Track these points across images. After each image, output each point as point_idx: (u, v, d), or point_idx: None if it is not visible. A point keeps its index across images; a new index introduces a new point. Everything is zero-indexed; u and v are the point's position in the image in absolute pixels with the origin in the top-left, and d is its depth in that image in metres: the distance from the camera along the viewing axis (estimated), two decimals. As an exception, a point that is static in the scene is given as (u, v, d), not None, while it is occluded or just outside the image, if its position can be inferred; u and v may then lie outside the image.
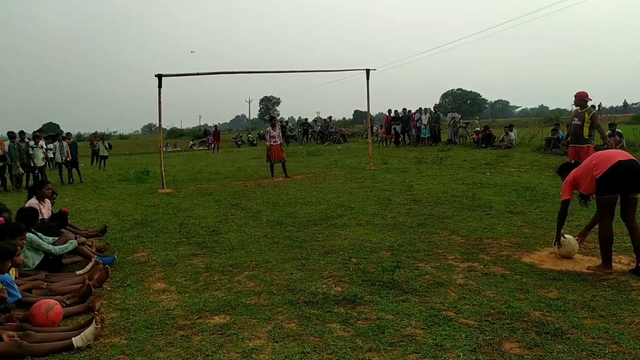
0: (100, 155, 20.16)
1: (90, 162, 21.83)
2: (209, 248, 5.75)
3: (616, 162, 4.13)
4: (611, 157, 4.20)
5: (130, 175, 14.78)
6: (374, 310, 3.65)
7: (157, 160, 14.32)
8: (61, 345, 3.24)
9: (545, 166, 12.72)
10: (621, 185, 4.15)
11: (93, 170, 18.77)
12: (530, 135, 20.90)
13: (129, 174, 15.11)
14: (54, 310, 3.64)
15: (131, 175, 14.88)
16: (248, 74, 14.42)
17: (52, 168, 16.72)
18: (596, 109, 8.76)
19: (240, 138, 38.90)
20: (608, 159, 4.19)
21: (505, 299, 3.73)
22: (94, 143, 21.66)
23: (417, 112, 23.20)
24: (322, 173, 13.52)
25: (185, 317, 3.69)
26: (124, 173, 15.79)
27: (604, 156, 4.28)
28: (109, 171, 18.28)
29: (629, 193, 4.20)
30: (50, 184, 6.75)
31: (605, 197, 4.22)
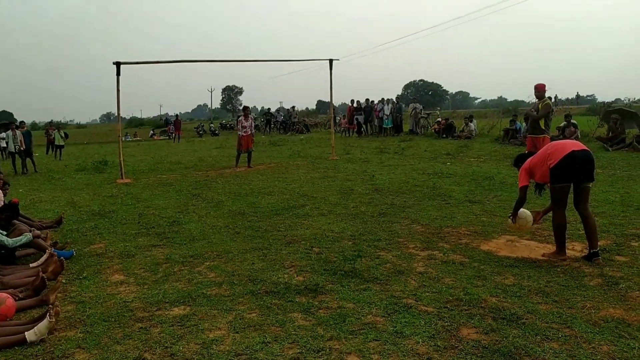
0: (55, 145, 19.35)
1: (45, 152, 20.93)
2: (169, 239, 5.62)
3: (569, 152, 4.27)
4: (565, 148, 4.33)
5: (88, 165, 14.24)
6: (335, 299, 3.66)
7: (115, 150, 13.89)
8: (13, 339, 3.11)
9: (504, 156, 13.10)
10: (574, 174, 4.29)
11: (48, 160, 18.00)
12: (489, 126, 21.50)
13: (87, 164, 14.56)
14: (6, 304, 3.50)
15: (88, 165, 14.34)
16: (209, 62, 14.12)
17: (5, 158, 15.95)
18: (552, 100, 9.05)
19: (202, 128, 38.20)
20: (562, 149, 4.32)
21: (463, 286, 3.82)
22: (50, 132, 20.76)
23: (380, 102, 23.40)
24: (285, 163, 13.46)
25: (144, 309, 3.60)
26: (81, 163, 15.20)
27: (558, 146, 4.41)
28: (65, 161, 17.58)
29: (581, 182, 4.35)
30: (1, 174, 6.44)
31: (558, 186, 4.36)
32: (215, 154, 17.90)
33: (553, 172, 4.32)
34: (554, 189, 4.41)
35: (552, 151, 4.40)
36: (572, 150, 4.27)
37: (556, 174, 4.31)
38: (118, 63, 11.00)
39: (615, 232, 5.22)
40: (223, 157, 15.87)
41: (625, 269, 4.09)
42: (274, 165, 13.11)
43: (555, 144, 4.53)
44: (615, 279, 3.87)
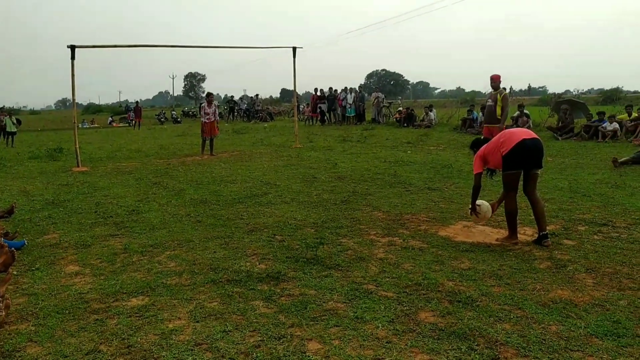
0: (7, 132, 18.46)
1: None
2: (127, 228, 5.49)
3: (520, 140, 4.43)
4: (516, 136, 4.49)
5: (42, 153, 13.65)
6: (297, 286, 3.68)
7: (71, 138, 13.35)
8: (-42, 335, 2.97)
9: (461, 145, 13.43)
10: (524, 161, 4.46)
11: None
12: (448, 116, 21.99)
13: (40, 152, 13.96)
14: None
15: (42, 152, 13.75)
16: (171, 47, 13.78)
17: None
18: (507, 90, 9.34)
19: (163, 115, 37.30)
20: (514, 138, 4.48)
21: (422, 271, 3.92)
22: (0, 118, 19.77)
23: (343, 91, 23.49)
24: (248, 151, 13.35)
25: (100, 301, 3.51)
26: (35, 150, 14.56)
27: (510, 135, 4.57)
28: (17, 148, 16.79)
29: (531, 169, 4.53)
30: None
31: (510, 173, 4.52)
32: (177, 141, 17.53)
33: (505, 159, 4.48)
34: (506, 175, 4.57)
35: (504, 139, 4.55)
36: (522, 139, 4.43)
37: (508, 161, 4.47)
38: (73, 46, 10.58)
39: (563, 217, 5.46)
40: (185, 145, 15.57)
41: (572, 253, 4.29)
42: (237, 153, 12.98)
43: (507, 132, 4.69)
44: (564, 262, 4.05)
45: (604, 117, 13.94)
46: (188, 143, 15.96)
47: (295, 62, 14.33)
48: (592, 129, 13.80)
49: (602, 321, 2.99)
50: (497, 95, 8.64)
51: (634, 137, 12.70)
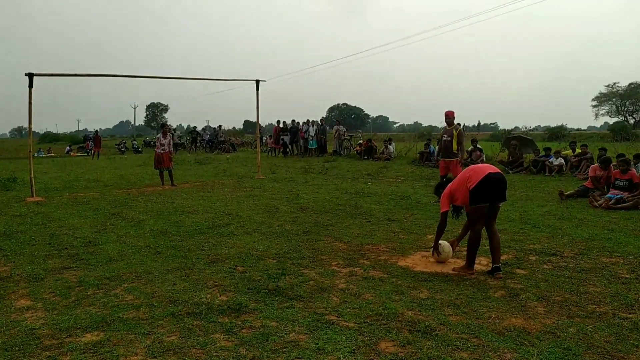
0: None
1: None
2: (83, 260, 5.32)
3: (486, 174, 4.63)
4: (482, 170, 4.70)
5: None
6: (258, 318, 3.66)
7: (26, 167, 12.88)
8: None
9: (419, 177, 13.83)
10: (490, 195, 4.65)
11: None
12: (407, 149, 22.57)
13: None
14: None
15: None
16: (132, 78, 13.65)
17: None
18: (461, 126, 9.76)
19: (124, 144, 36.54)
20: (480, 172, 4.68)
21: (382, 301, 3.98)
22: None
23: (305, 124, 23.82)
24: (211, 182, 13.25)
25: (53, 337, 3.38)
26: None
27: (476, 169, 4.77)
28: (-36, 177, 16.02)
29: (495, 202, 4.73)
30: None
31: (477, 207, 4.69)
32: (138, 171, 17.18)
33: (472, 193, 4.64)
34: (473, 209, 4.72)
35: (470, 174, 4.75)
36: (488, 173, 4.64)
37: (475, 195, 4.63)
38: (31, 74, 10.32)
39: (515, 247, 5.69)
40: (146, 175, 15.28)
41: (525, 282, 4.48)
42: (199, 183, 12.85)
43: (473, 167, 4.88)
44: (517, 291, 4.22)
45: (550, 152, 14.72)
46: (149, 173, 15.66)
47: (258, 95, 14.50)
48: (540, 163, 14.50)
49: (553, 348, 3.13)
50: (453, 131, 9.01)
51: (578, 172, 13.41)
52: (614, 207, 8.28)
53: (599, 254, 5.39)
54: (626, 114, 64.29)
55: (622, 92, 62.98)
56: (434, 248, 5.14)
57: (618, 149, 15.06)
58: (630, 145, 18.01)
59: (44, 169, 19.11)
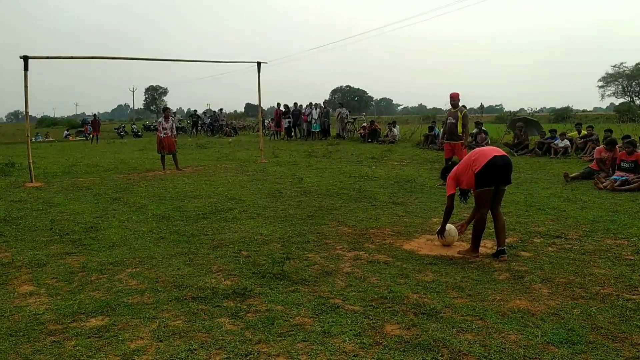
0: (-48, 145, 17.58)
1: (-61, 153, 18.94)
2: (85, 246, 5.31)
3: (492, 157, 4.57)
4: (487, 154, 4.63)
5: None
6: (263, 302, 3.65)
7: (24, 152, 12.86)
8: None
9: (424, 160, 13.75)
10: (495, 178, 4.59)
11: (-57, 162, 16.30)
12: (411, 132, 22.46)
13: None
14: None
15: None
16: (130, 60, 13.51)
17: None
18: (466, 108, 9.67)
19: (123, 129, 36.43)
20: (485, 155, 4.62)
21: (387, 284, 3.96)
22: (-55, 131, 18.84)
23: (308, 107, 23.64)
24: (213, 166, 13.20)
25: (57, 322, 3.38)
26: (-17, 165, 13.92)
27: (482, 153, 4.70)
28: (-37, 163, 16.01)
29: (501, 185, 4.68)
30: None
31: (482, 190, 4.63)
32: (138, 156, 17.13)
33: (477, 176, 4.58)
34: (478, 193, 4.67)
35: (475, 157, 4.68)
36: (494, 156, 4.57)
37: (480, 178, 4.58)
38: (26, 57, 10.20)
39: (520, 230, 5.66)
40: (146, 160, 15.24)
41: (529, 264, 4.45)
42: (201, 168, 12.81)
43: (478, 150, 4.82)
44: (521, 273, 4.20)
45: (555, 134, 14.61)
46: (149, 158, 15.62)
47: (260, 77, 14.37)
48: (545, 145, 14.41)
49: (557, 330, 3.12)
50: (458, 113, 8.93)
51: (583, 154, 13.34)
52: (619, 189, 8.22)
53: (603, 236, 5.36)
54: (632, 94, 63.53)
55: (629, 73, 62.04)
56: (440, 231, 5.11)
57: (624, 130, 14.93)
58: (636, 127, 17.93)
59: (42, 153, 19.08)
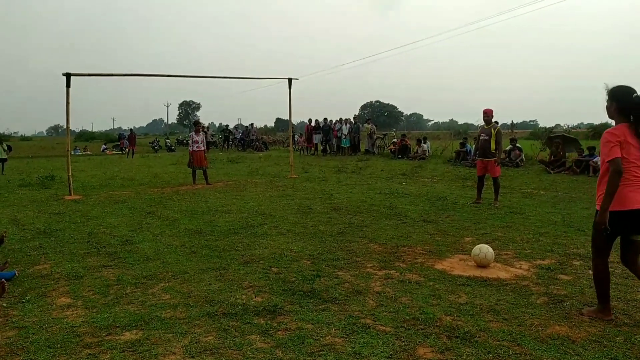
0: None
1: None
2: (121, 259, 5.43)
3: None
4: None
5: (33, 180, 13.57)
6: (294, 320, 3.64)
7: (63, 165, 13.34)
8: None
9: (455, 177, 13.55)
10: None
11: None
12: (442, 148, 22.19)
13: (31, 179, 13.87)
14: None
15: (33, 180, 13.66)
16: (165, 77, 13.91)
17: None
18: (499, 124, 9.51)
19: (157, 143, 37.41)
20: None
21: (419, 305, 3.89)
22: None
23: (338, 122, 23.74)
24: (243, 181, 13.36)
25: (93, 334, 3.44)
26: (26, 178, 14.48)
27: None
28: (7, 175, 16.65)
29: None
30: None
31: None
32: (172, 170, 17.52)
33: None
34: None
35: None
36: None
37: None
38: (68, 74, 10.64)
39: (558, 252, 5.48)
40: (179, 174, 15.56)
41: (569, 288, 4.30)
42: (232, 182, 12.98)
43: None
44: (560, 297, 4.05)
45: (594, 152, 14.17)
46: (182, 172, 15.94)
47: (290, 93, 14.53)
48: (583, 163, 14.00)
49: (599, 358, 2.99)
50: (491, 130, 8.77)
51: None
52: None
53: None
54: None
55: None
56: (602, 211, 3.49)
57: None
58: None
59: (80, 167, 19.72)
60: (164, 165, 20.24)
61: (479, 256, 4.96)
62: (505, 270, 4.85)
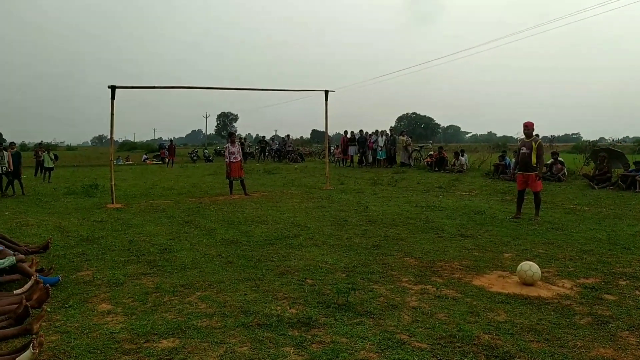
0: (44, 167, 19.14)
1: (34, 174, 20.76)
2: (159, 267, 5.56)
3: None
4: None
5: (77, 189, 14.12)
6: (328, 333, 3.62)
7: (107, 174, 13.82)
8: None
9: (494, 191, 13.22)
10: None
11: (37, 183, 17.84)
12: (480, 161, 21.69)
13: (76, 187, 14.45)
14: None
15: (78, 188, 14.22)
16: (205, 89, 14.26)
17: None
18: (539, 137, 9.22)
19: (196, 153, 38.26)
20: None
21: (456, 322, 3.80)
22: (39, 154, 20.59)
23: (374, 134, 23.66)
24: (279, 192, 13.46)
25: (132, 341, 3.53)
26: (71, 186, 15.09)
27: None
28: (53, 184, 17.40)
29: None
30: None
31: None
32: (209, 180, 17.86)
33: None
34: None
35: None
36: None
37: None
38: (113, 87, 11.07)
39: (603, 271, 5.24)
40: (216, 184, 15.84)
41: (614, 308, 4.10)
42: (268, 193, 13.10)
43: None
44: (605, 318, 3.87)
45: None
46: (219, 182, 16.22)
47: (327, 105, 14.57)
48: (630, 178, 13.40)
49: (650, 385, 2.83)
50: (532, 143, 8.52)
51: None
52: None
53: (702, 281, 4.84)
54: None
55: None
56: None
57: None
58: None
59: (122, 176, 20.36)
60: (201, 175, 20.66)
61: (527, 273, 4.73)
62: (546, 288, 4.68)
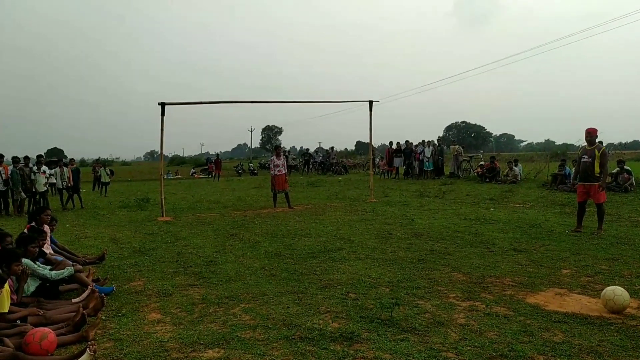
0: (101, 182, 20.12)
1: (92, 188, 21.84)
2: (205, 279, 5.65)
3: None
4: None
5: (131, 202, 14.74)
6: (371, 349, 3.52)
7: (157, 188, 14.31)
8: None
9: (551, 202, 12.61)
10: None
11: (94, 197, 18.74)
12: (536, 171, 20.72)
13: (130, 201, 15.07)
14: (48, 339, 3.59)
15: (131, 202, 14.84)
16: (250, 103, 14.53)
17: (54, 194, 16.65)
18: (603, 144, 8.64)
19: (241, 167, 39.04)
20: None
21: (508, 342, 3.61)
22: (96, 169, 21.71)
23: (420, 144, 23.27)
24: (323, 204, 13.46)
25: (179, 350, 3.58)
26: (125, 200, 15.75)
27: None
28: (109, 197, 18.24)
29: None
30: (49, 210, 6.74)
31: None
32: (254, 193, 18.13)
33: None
34: None
35: None
36: None
37: None
38: (163, 104, 11.49)
39: (674, 289, 4.84)
40: (261, 197, 16.04)
41: (688, 331, 3.77)
42: (312, 206, 13.12)
43: None
44: (677, 341, 3.56)
45: None
46: (264, 195, 16.42)
47: (371, 116, 14.46)
48: None
49: None
50: (595, 151, 8.01)
51: None
52: None
53: None
54: None
55: None
56: None
57: None
58: None
59: (172, 190, 21.02)
60: (246, 189, 21.01)
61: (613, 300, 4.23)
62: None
